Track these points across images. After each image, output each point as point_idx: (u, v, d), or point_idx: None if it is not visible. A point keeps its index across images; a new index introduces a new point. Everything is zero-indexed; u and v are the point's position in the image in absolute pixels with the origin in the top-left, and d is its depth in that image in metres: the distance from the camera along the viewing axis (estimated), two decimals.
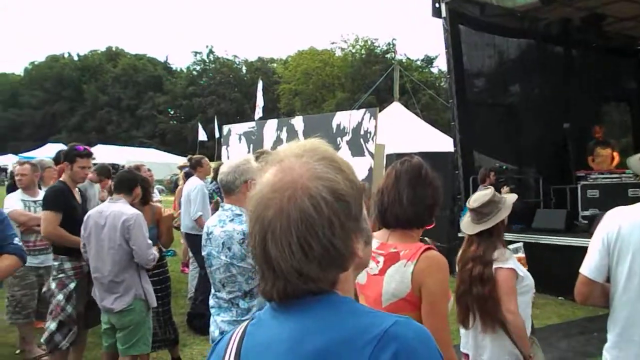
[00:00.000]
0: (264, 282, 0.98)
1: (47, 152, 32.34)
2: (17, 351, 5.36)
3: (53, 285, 4.42)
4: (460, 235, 8.93)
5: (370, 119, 10.74)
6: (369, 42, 47.49)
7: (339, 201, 0.95)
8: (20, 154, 37.01)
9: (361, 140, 10.80)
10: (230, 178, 2.84)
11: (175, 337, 5.17)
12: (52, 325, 4.30)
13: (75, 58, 67.75)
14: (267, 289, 0.98)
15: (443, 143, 15.16)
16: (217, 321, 2.83)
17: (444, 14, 9.76)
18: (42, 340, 4.50)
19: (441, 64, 48.47)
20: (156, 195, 8.04)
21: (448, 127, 21.71)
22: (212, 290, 2.94)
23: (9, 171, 36.68)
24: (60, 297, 4.34)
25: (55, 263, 4.46)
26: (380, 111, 12.00)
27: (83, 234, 4.11)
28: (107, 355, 4.24)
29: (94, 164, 5.65)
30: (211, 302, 2.93)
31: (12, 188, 9.04)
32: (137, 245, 3.94)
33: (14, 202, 5.30)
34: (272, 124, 13.87)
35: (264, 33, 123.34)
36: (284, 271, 0.93)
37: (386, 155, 10.38)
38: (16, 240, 3.09)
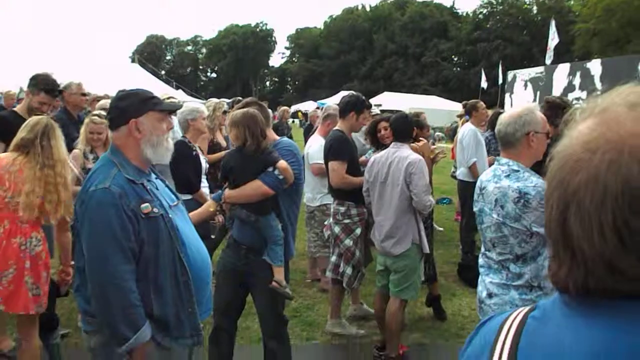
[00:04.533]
0: (557, 264, 0.75)
1: (340, 99, 35.38)
2: (308, 279, 6.02)
3: (337, 229, 4.66)
4: None
5: None
6: None
7: None
8: (318, 101, 41.35)
9: None
10: (509, 130, 2.56)
11: (434, 274, 5.18)
12: (347, 270, 4.60)
13: (368, 9, 71.60)
14: (560, 276, 0.75)
15: None
16: (486, 282, 2.66)
17: None
18: (328, 273, 4.91)
19: None
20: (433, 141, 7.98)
21: None
22: (482, 249, 2.76)
23: (308, 115, 41.50)
24: (349, 242, 4.60)
25: (341, 208, 4.62)
26: None
27: (367, 178, 4.26)
28: (379, 294, 4.42)
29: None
30: (480, 260, 2.77)
31: (308, 130, 10.08)
32: (417, 190, 3.94)
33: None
34: (563, 69, 12.57)
35: None
36: (588, 259, 0.70)
37: None
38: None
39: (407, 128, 4.21)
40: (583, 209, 0.69)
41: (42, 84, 4.49)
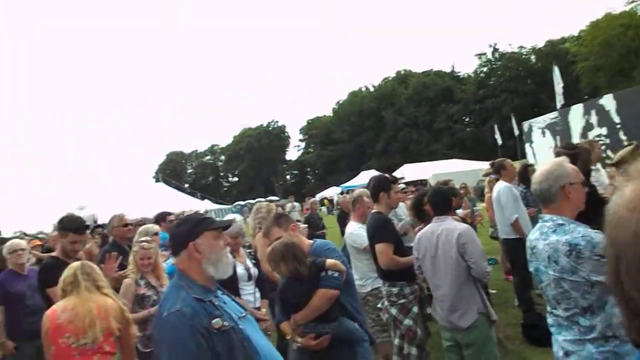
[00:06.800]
0: (626, 319, 0.82)
1: (362, 179, 35.68)
2: None
3: (394, 310, 4.66)
4: None
5: None
6: None
7: None
8: (341, 185, 41.77)
9: None
10: (544, 186, 2.63)
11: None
12: (412, 350, 4.54)
13: (371, 89, 73.72)
14: (631, 329, 0.80)
15: None
16: (559, 340, 2.61)
17: None
18: (395, 358, 4.79)
19: None
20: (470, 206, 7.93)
21: None
22: (548, 308, 2.74)
23: (335, 202, 41.89)
24: (409, 321, 4.58)
25: (394, 289, 4.66)
26: None
27: (416, 255, 4.27)
28: None
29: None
30: (549, 319, 2.73)
31: (342, 217, 10.11)
32: (474, 258, 3.92)
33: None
34: (577, 110, 12.65)
35: (548, 14, 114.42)
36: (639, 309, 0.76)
37: None
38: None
39: (446, 200, 4.28)
40: (629, 263, 0.77)
41: (69, 225, 4.66)
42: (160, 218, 7.41)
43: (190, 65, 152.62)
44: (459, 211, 6.37)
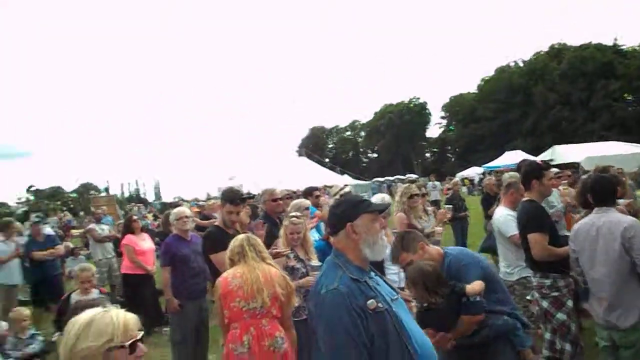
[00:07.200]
0: None
1: (506, 160, 33.96)
2: None
3: (545, 303, 4.47)
4: None
5: None
6: None
7: None
8: (484, 165, 40.22)
9: None
10: None
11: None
12: (566, 346, 4.36)
13: (521, 64, 69.58)
14: None
15: None
16: None
17: None
18: (545, 352, 4.57)
19: None
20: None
21: None
22: None
23: (475, 182, 40.46)
24: (562, 316, 4.39)
25: (546, 281, 4.46)
26: None
27: (573, 248, 4.04)
28: None
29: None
30: None
31: (487, 201, 9.83)
32: None
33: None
34: None
35: None
36: None
37: None
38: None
39: (609, 190, 3.97)
40: None
41: (226, 197, 5.19)
42: (308, 193, 7.77)
43: (338, 43, 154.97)
44: (621, 201, 5.86)
